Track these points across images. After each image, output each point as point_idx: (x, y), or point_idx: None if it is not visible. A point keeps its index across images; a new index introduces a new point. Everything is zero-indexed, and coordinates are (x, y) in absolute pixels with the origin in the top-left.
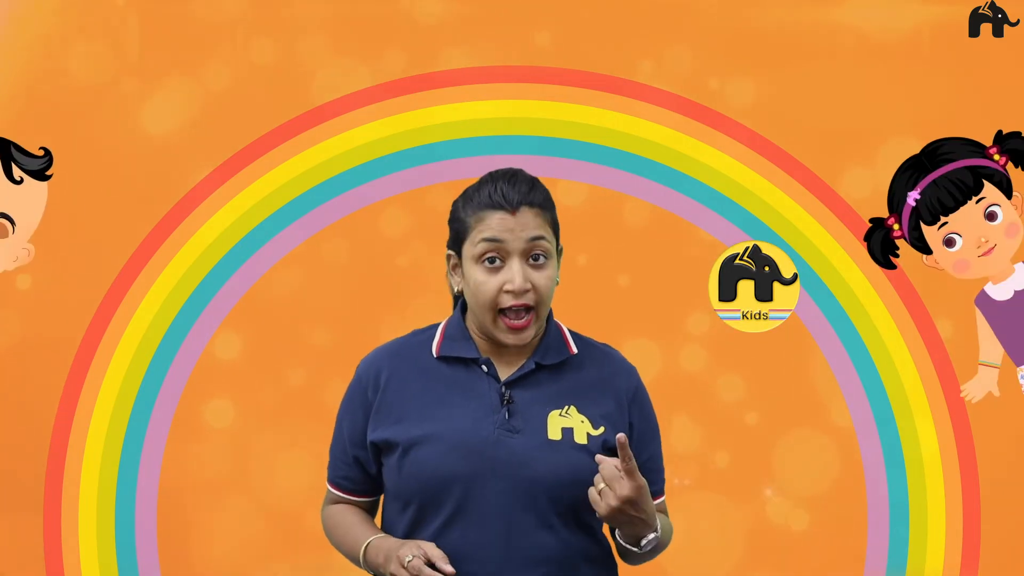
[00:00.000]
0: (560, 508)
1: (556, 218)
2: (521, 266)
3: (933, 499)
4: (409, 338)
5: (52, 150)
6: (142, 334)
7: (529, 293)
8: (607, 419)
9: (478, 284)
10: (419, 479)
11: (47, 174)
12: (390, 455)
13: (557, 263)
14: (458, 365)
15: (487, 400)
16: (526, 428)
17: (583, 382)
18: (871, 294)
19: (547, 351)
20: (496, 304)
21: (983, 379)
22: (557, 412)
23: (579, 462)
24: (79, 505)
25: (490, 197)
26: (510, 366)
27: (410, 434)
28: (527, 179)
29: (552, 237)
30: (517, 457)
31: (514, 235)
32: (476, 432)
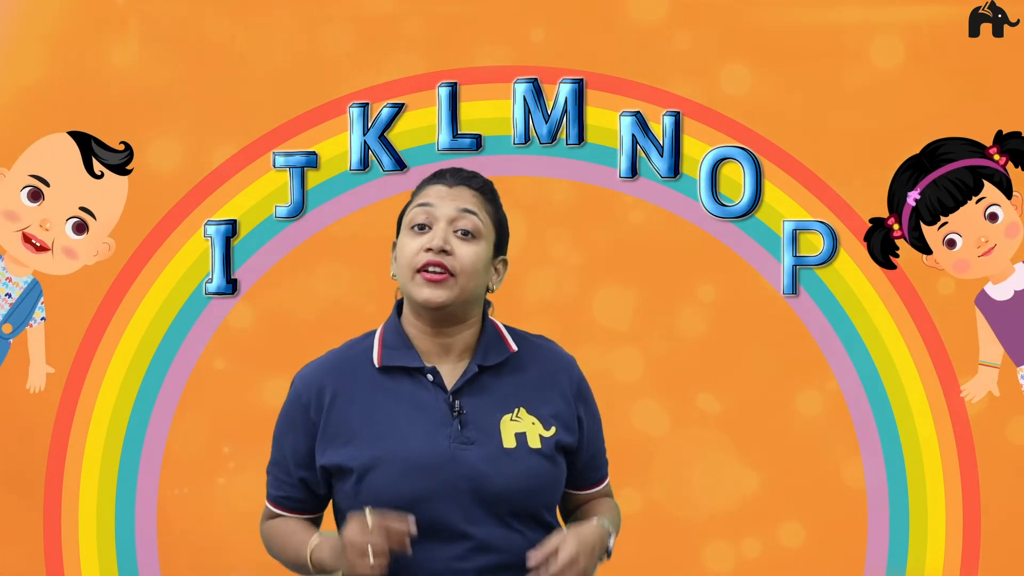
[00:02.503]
0: (522, 513)
1: (501, 220)
2: (445, 230)
3: (933, 499)
4: (346, 349)
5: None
6: (143, 333)
7: (448, 257)
8: (557, 418)
9: (403, 246)
10: (378, 504)
11: (128, 168)
12: (343, 480)
13: (491, 256)
14: (401, 375)
15: (436, 412)
16: (480, 438)
17: (528, 382)
18: (871, 294)
19: (487, 351)
20: (414, 263)
21: (983, 379)
22: (508, 417)
23: (536, 468)
24: (79, 505)
25: (432, 177)
26: (453, 371)
27: (362, 458)
28: (474, 172)
29: (488, 224)
30: (476, 471)
31: (444, 202)
32: (431, 449)
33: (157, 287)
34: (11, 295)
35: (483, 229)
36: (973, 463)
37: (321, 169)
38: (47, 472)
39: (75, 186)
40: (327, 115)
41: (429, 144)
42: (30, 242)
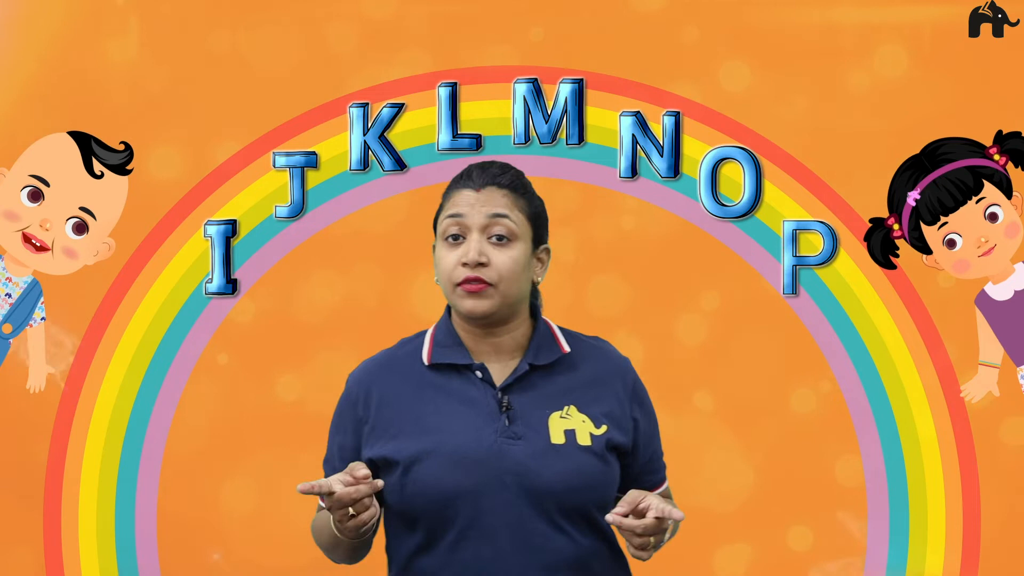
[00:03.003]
0: (570, 512)
1: (537, 211)
2: (479, 240)
3: (933, 499)
4: (397, 349)
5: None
6: (143, 333)
7: (485, 268)
8: (609, 417)
9: (439, 260)
10: (424, 497)
11: (128, 168)
12: (390, 473)
13: (531, 253)
14: (451, 372)
15: (484, 407)
16: (527, 433)
17: (580, 380)
18: (871, 294)
19: (539, 351)
20: (452, 278)
21: (983, 379)
22: (557, 414)
23: (585, 465)
24: (79, 505)
25: (460, 179)
26: (503, 369)
27: (409, 451)
28: (502, 165)
29: (523, 222)
30: (522, 466)
31: (474, 210)
32: (477, 443)
33: (157, 287)
34: (11, 295)
35: (518, 230)
36: (973, 463)
37: (321, 169)
38: (47, 472)
39: (75, 186)
40: (327, 115)
41: (429, 144)
42: (30, 242)
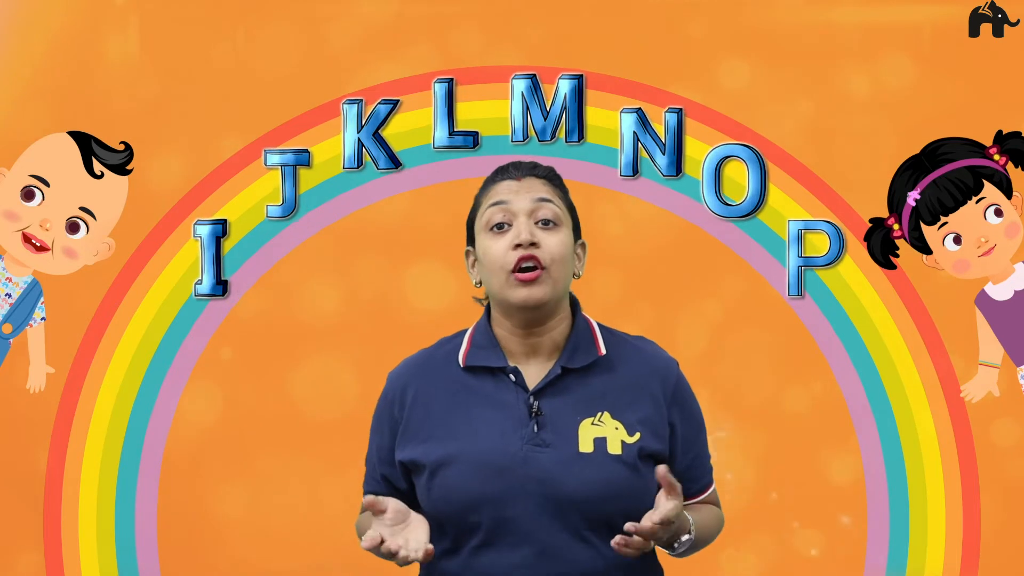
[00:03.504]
0: (595, 523)
1: (571, 204)
2: (528, 223)
3: (933, 499)
4: (436, 349)
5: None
6: (143, 333)
7: (538, 249)
8: (644, 424)
9: (486, 250)
10: (448, 502)
11: (127, 168)
12: (419, 476)
13: (573, 242)
14: (485, 375)
15: (515, 412)
16: (556, 441)
17: (616, 385)
18: (871, 294)
19: (574, 353)
20: (505, 264)
21: (983, 379)
22: (589, 420)
23: (613, 475)
24: (79, 505)
25: (498, 173)
26: (539, 372)
27: (436, 455)
28: (535, 160)
29: (564, 210)
30: (547, 474)
31: (519, 195)
32: (504, 449)
33: (157, 287)
34: (11, 295)
35: (562, 216)
36: (973, 463)
37: (314, 168)
38: (47, 472)
39: (75, 186)
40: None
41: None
42: (30, 242)
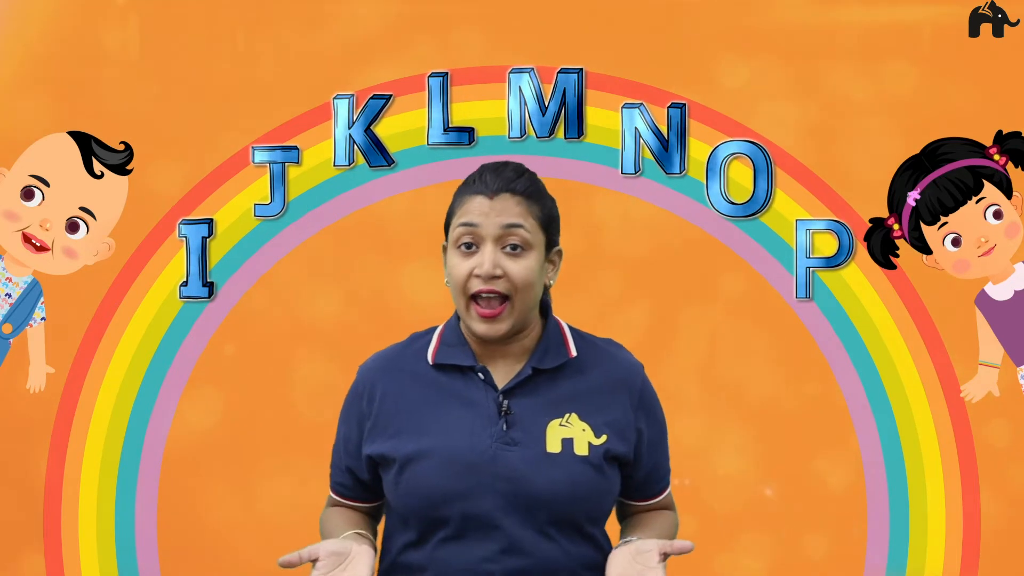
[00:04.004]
0: (561, 521)
1: (550, 214)
2: (493, 251)
3: (933, 499)
4: (406, 345)
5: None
6: (143, 333)
7: (500, 280)
8: (611, 427)
9: (452, 268)
10: (416, 496)
11: (127, 168)
12: (387, 470)
13: (544, 259)
14: (454, 373)
15: (484, 410)
16: (524, 440)
17: (585, 387)
18: (871, 294)
19: (545, 354)
20: (467, 289)
21: (983, 379)
22: (557, 421)
23: (579, 475)
24: (79, 505)
25: (473, 183)
26: (508, 372)
27: (406, 450)
28: (516, 168)
29: (536, 229)
30: (515, 472)
31: (488, 220)
32: (472, 446)
33: (157, 287)
34: (11, 295)
35: (532, 239)
36: (973, 463)
37: (303, 165)
38: (47, 472)
39: (75, 186)
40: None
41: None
42: (30, 242)
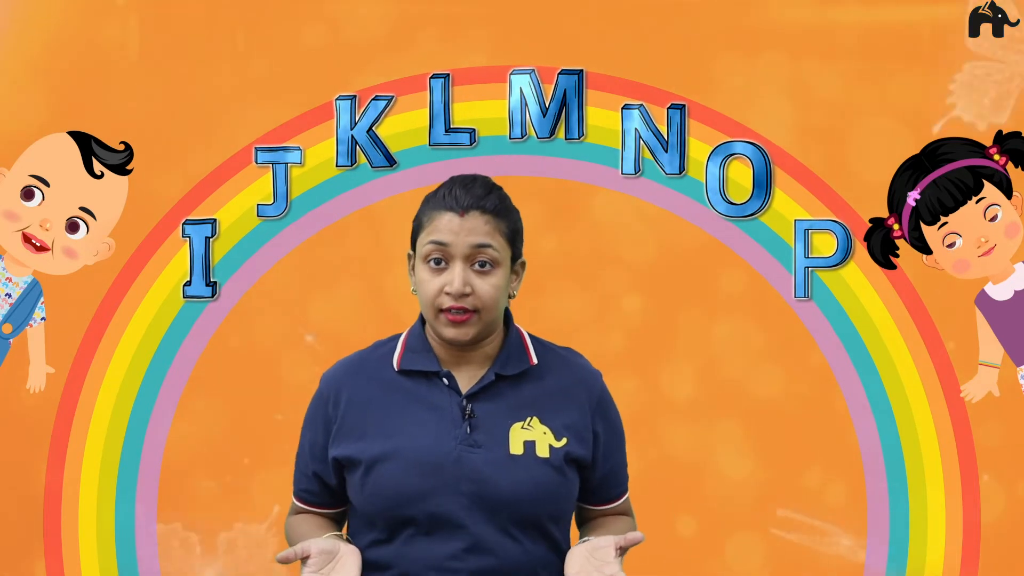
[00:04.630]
0: (523, 522)
1: (515, 228)
2: (463, 270)
3: (933, 499)
4: (370, 352)
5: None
6: (143, 333)
7: (469, 298)
8: (570, 430)
9: (421, 283)
10: (382, 497)
11: (127, 168)
12: (352, 472)
13: (509, 273)
14: (419, 378)
15: (448, 414)
16: (488, 442)
17: (545, 391)
18: (871, 294)
19: (507, 361)
20: (436, 304)
21: (983, 379)
22: (519, 424)
23: (541, 476)
24: (79, 505)
25: (443, 199)
26: (471, 378)
27: (371, 452)
28: (485, 184)
29: (503, 246)
30: (479, 473)
31: (459, 239)
32: (437, 448)
33: (157, 287)
34: (11, 295)
35: (500, 256)
36: (973, 463)
37: (306, 165)
38: (47, 473)
39: (75, 186)
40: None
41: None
42: (30, 242)
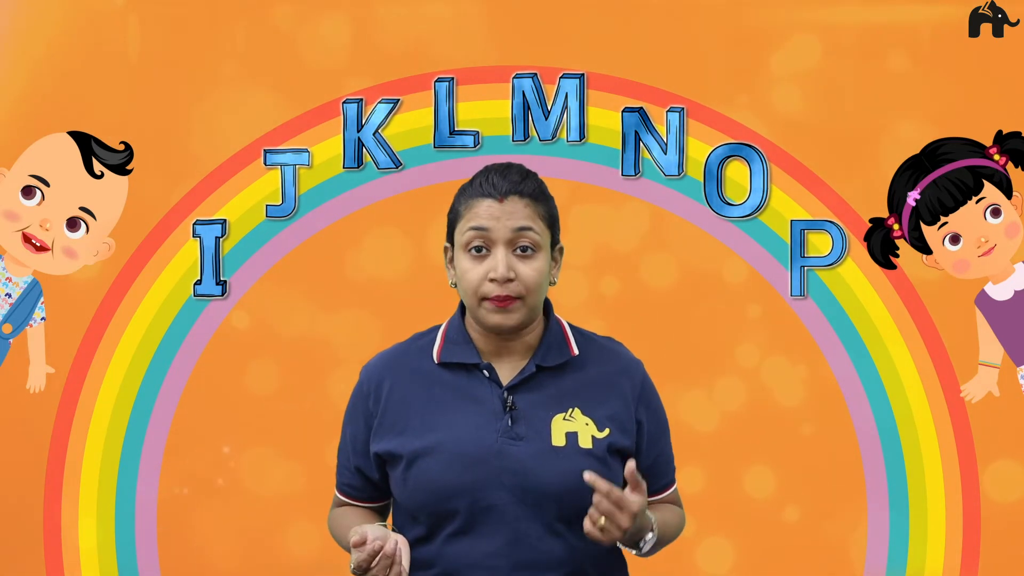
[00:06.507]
0: (567, 515)
1: (553, 213)
2: (506, 255)
3: (933, 499)
4: (410, 344)
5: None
6: (143, 333)
7: (513, 284)
8: (613, 420)
9: (464, 272)
10: (424, 492)
11: (127, 168)
12: (395, 467)
13: (550, 259)
14: (459, 371)
15: (489, 407)
16: (529, 434)
17: (586, 382)
18: (871, 294)
19: (548, 352)
20: (480, 292)
21: (983, 379)
22: (561, 416)
23: (584, 468)
24: (79, 505)
25: (480, 186)
26: (512, 369)
27: (413, 446)
28: (520, 170)
29: (544, 230)
30: (521, 466)
31: (500, 223)
32: (479, 441)
33: (157, 287)
34: (11, 295)
35: (541, 240)
36: (973, 463)
37: (314, 167)
38: (47, 472)
39: (75, 186)
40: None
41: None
42: (30, 242)
